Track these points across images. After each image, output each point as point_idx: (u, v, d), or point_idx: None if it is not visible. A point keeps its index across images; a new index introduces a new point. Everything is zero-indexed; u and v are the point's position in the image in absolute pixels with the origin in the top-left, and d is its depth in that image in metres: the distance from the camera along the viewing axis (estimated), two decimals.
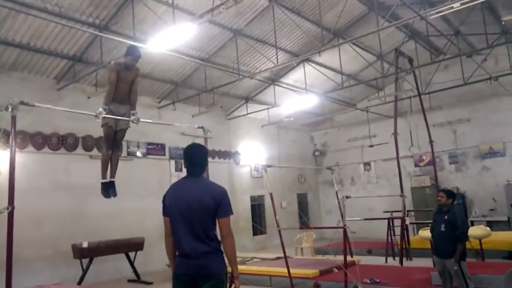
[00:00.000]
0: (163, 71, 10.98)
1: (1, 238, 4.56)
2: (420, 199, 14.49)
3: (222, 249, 3.04)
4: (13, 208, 4.01)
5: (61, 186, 9.43)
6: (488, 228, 8.98)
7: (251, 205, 14.68)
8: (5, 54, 8.63)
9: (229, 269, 3.07)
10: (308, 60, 12.37)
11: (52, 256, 9.00)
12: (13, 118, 4.19)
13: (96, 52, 9.10)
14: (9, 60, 8.83)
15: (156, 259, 9.68)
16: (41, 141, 9.38)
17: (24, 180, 7.71)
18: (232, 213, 3.06)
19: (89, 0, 7.91)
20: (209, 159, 7.41)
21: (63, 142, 9.76)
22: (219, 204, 2.98)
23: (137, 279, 9.38)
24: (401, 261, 9.28)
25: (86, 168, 9.95)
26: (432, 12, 7.07)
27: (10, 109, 4.16)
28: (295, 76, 13.27)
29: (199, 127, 6.67)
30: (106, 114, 5.00)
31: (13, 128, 4.20)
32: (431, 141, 11.12)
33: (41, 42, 8.61)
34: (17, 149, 4.34)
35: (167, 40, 7.44)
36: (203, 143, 6.71)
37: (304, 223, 15.22)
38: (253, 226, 14.53)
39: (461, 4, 6.40)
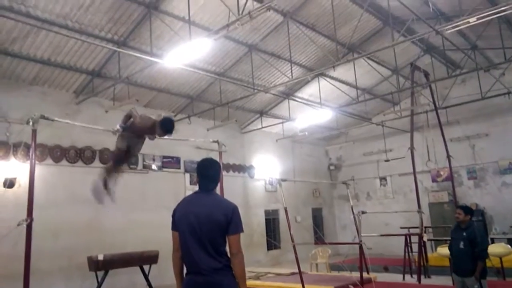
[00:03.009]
0: (179, 86, 11.13)
1: (19, 249, 4.63)
2: (438, 215, 14.19)
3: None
4: (31, 220, 4.07)
5: (78, 199, 9.53)
6: (509, 246, 8.72)
7: (265, 219, 14.59)
8: (27, 69, 8.88)
9: None
10: (322, 74, 12.39)
11: (67, 268, 9.07)
12: (34, 132, 4.28)
13: (114, 67, 9.30)
14: (30, 75, 9.08)
15: (170, 273, 9.53)
16: (59, 154, 9.56)
17: (42, 192, 7.84)
18: (242, 231, 2.99)
19: (108, 16, 8.12)
20: (224, 173, 7.40)
21: (81, 155, 9.92)
22: (230, 220, 2.93)
23: None
24: (419, 279, 9.05)
25: None
26: (448, 27, 7.03)
27: (31, 123, 4.26)
28: (310, 90, 13.29)
29: (214, 141, 6.73)
30: (122, 132, 4.93)
31: (33, 141, 4.29)
32: (448, 156, 10.95)
33: (61, 57, 8.84)
34: (36, 162, 4.41)
35: (183, 55, 7.56)
36: (217, 157, 6.76)
37: (319, 238, 15.06)
38: (267, 240, 14.42)
39: (477, 19, 6.35)
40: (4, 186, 8.18)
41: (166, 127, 4.70)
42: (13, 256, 6.59)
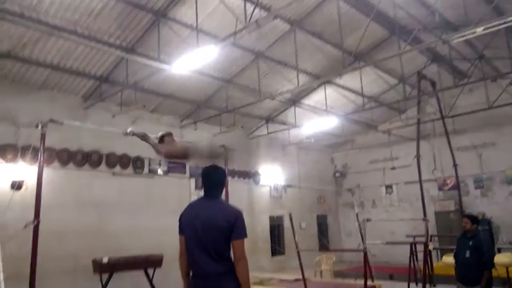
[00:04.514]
0: (186, 92, 11.22)
1: (25, 251, 4.69)
2: (444, 224, 14.10)
3: None
4: (38, 222, 4.13)
5: (84, 202, 9.63)
6: None
7: (270, 225, 14.57)
8: (36, 73, 9.01)
9: None
10: (329, 82, 12.42)
11: (73, 270, 9.12)
12: (43, 136, 4.36)
13: (122, 72, 9.41)
14: (39, 80, 9.21)
15: (174, 276, 9.60)
16: (66, 157, 9.65)
17: (48, 195, 7.90)
18: (246, 236, 3.01)
19: (117, 23, 8.24)
20: (229, 178, 7.42)
21: (88, 159, 10.01)
22: (233, 226, 2.96)
23: None
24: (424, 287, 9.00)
25: (109, 185, 10.18)
26: (454, 37, 7.04)
27: (40, 127, 4.33)
28: (316, 98, 13.32)
29: (220, 147, 6.76)
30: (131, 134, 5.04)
31: (42, 145, 4.36)
32: (455, 165, 10.90)
33: (70, 62, 8.97)
34: (43, 165, 4.48)
35: (191, 62, 7.64)
36: (223, 163, 6.81)
37: (324, 245, 15.02)
38: (271, 246, 14.39)
39: (484, 29, 6.36)
40: (12, 188, 8.28)
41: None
42: (19, 258, 6.64)
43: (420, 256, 9.87)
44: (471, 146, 13.98)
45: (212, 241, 2.95)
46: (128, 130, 4.98)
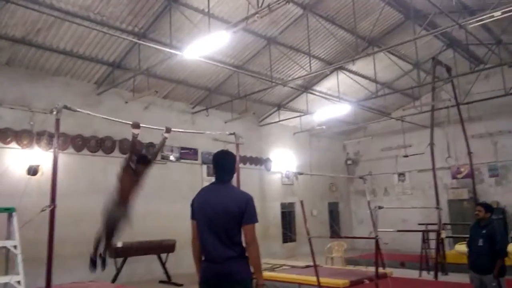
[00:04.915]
0: (198, 78, 11.21)
1: (41, 235, 4.78)
2: (457, 212, 13.98)
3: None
4: (55, 206, 4.20)
5: (98, 187, 9.73)
6: None
7: (281, 212, 14.64)
8: (50, 59, 9.08)
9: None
10: (341, 68, 12.28)
11: (87, 254, 9.26)
12: (57, 121, 4.40)
13: (134, 58, 9.42)
14: (53, 66, 9.29)
15: (187, 261, 9.71)
16: (81, 143, 9.78)
17: (63, 180, 8.00)
18: (257, 221, 3.04)
19: (129, 9, 8.23)
20: (240, 165, 7.41)
21: (101, 145, 10.13)
22: (244, 211, 2.99)
23: (168, 280, 9.54)
24: (435, 276, 8.98)
25: None
26: (471, 21, 6.87)
27: (54, 113, 4.38)
28: (328, 84, 13.20)
29: (231, 133, 6.77)
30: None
31: (56, 130, 4.41)
32: (469, 153, 10.75)
33: (83, 48, 9.01)
34: (58, 150, 4.54)
35: (202, 48, 7.61)
36: (234, 149, 6.81)
37: (335, 232, 15.05)
38: (283, 233, 14.47)
39: (502, 13, 6.19)
40: (29, 174, 8.43)
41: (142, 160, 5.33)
42: (36, 241, 6.80)
43: (432, 244, 9.83)
44: (486, 133, 13.75)
45: (223, 226, 2.97)
46: (136, 132, 5.11)
